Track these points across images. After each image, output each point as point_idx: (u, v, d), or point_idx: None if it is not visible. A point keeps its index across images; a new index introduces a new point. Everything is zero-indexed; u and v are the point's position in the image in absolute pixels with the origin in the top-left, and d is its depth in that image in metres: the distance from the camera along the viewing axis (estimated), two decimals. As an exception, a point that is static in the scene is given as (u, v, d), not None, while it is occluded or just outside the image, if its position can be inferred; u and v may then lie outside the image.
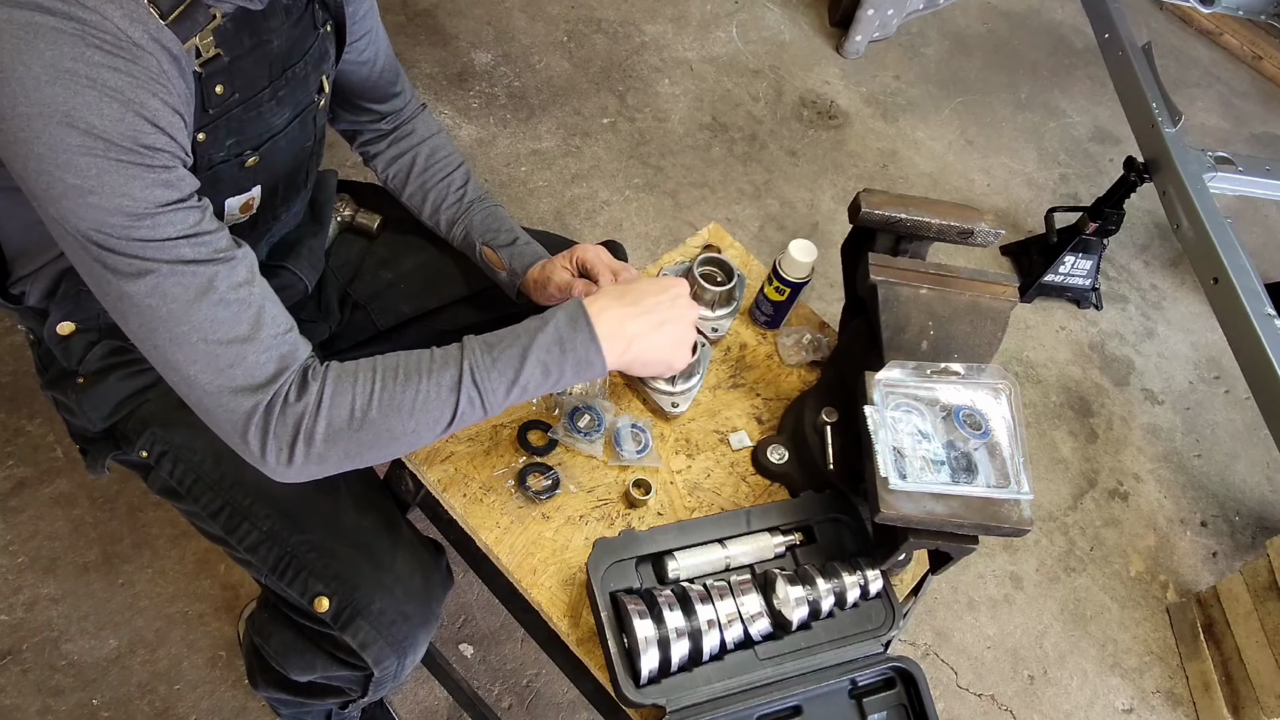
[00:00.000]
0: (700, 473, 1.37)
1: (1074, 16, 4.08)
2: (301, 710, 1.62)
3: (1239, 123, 4.02)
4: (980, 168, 3.40)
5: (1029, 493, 1.13)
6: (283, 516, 1.25)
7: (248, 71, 1.11)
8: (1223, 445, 2.89)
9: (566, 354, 1.05)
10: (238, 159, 1.17)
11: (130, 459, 1.33)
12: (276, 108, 1.19)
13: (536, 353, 1.04)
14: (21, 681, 1.77)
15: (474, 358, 1.02)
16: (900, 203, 1.29)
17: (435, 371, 1.01)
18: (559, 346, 1.05)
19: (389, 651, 1.27)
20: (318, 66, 1.25)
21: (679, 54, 3.34)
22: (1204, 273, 2.29)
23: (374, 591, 1.25)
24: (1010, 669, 2.29)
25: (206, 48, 1.02)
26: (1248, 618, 2.23)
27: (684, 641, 1.11)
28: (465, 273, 1.57)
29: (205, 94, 1.06)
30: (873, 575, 1.21)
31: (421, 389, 1.00)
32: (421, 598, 1.31)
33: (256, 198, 1.25)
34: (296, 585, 1.24)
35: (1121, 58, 2.69)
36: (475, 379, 1.01)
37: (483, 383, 1.01)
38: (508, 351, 1.03)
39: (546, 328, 1.05)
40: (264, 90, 1.16)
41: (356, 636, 1.24)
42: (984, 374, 1.20)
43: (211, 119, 1.09)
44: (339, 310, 1.56)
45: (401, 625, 1.27)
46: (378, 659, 1.26)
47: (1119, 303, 3.17)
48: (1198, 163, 2.44)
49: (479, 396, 1.02)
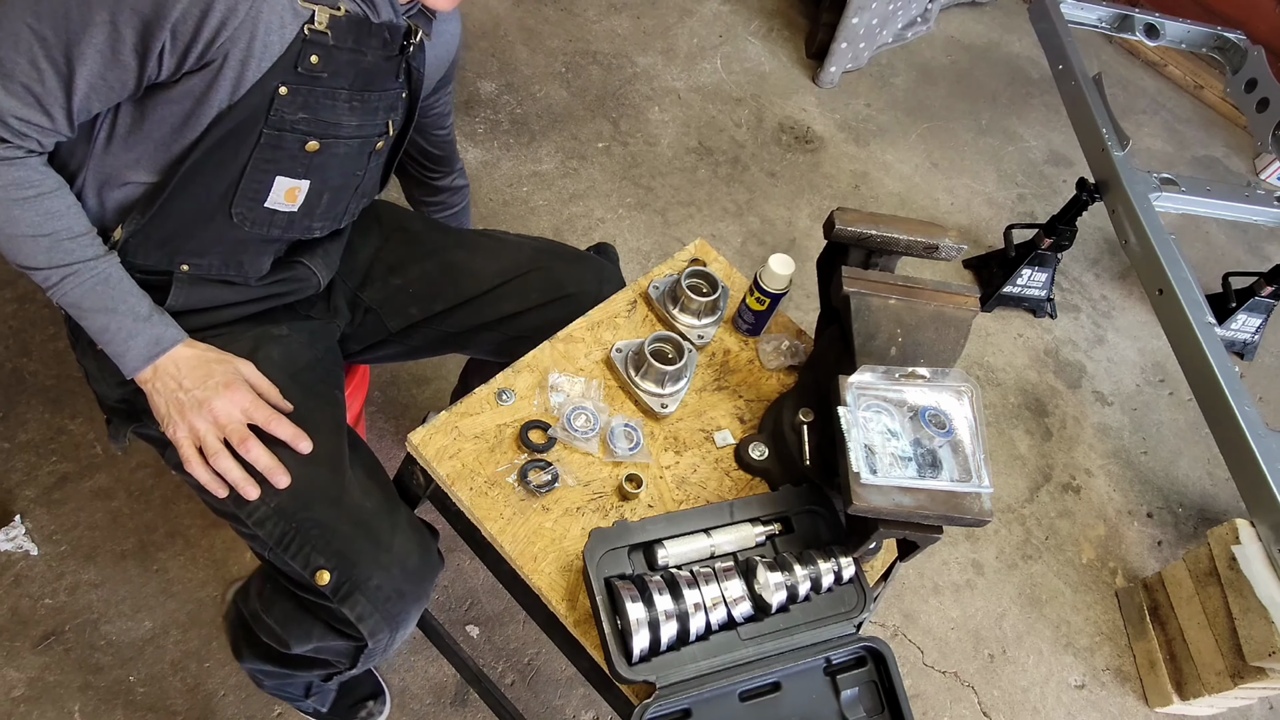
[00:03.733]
0: (688, 468, 1.37)
1: (1030, 49, 4.09)
2: (285, 682, 1.60)
3: (1182, 146, 4.03)
4: (944, 188, 3.41)
5: (989, 486, 1.13)
6: (290, 495, 1.24)
7: (339, 62, 1.17)
8: (1167, 443, 2.90)
9: (115, 343, 1.20)
10: (303, 135, 1.20)
11: (149, 433, 1.34)
12: (348, 112, 1.23)
13: (113, 330, 1.19)
14: (64, 660, 1.76)
15: (85, 275, 1.17)
16: (871, 220, 1.29)
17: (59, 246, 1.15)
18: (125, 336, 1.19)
19: (383, 625, 1.26)
20: (388, 109, 1.30)
21: (668, 84, 3.34)
22: (1150, 284, 2.30)
23: (372, 568, 1.24)
24: (972, 648, 2.29)
25: (321, 22, 1.11)
26: (1190, 601, 2.24)
27: (673, 623, 1.11)
28: (469, 278, 1.58)
29: (302, 54, 1.12)
30: (846, 562, 1.21)
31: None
32: (416, 576, 1.30)
33: (303, 192, 1.27)
34: (299, 559, 1.23)
35: (1074, 87, 2.70)
36: (65, 278, 1.16)
37: (65, 289, 1.16)
38: (104, 313, 1.19)
39: (138, 338, 1.20)
40: (344, 89, 1.20)
41: (354, 609, 1.24)
42: (948, 377, 1.21)
43: (297, 79, 1.14)
44: (349, 312, 1.56)
45: (396, 601, 1.27)
46: (373, 631, 1.26)
47: (1072, 312, 3.18)
48: (1144, 183, 2.45)
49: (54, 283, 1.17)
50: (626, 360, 1.42)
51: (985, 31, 4.14)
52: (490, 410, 1.34)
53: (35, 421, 2.01)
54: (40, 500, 1.93)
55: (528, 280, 1.58)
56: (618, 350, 1.44)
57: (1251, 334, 3.15)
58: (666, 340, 1.44)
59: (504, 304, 1.57)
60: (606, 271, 1.66)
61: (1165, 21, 3.08)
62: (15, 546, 1.85)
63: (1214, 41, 3.13)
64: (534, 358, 1.42)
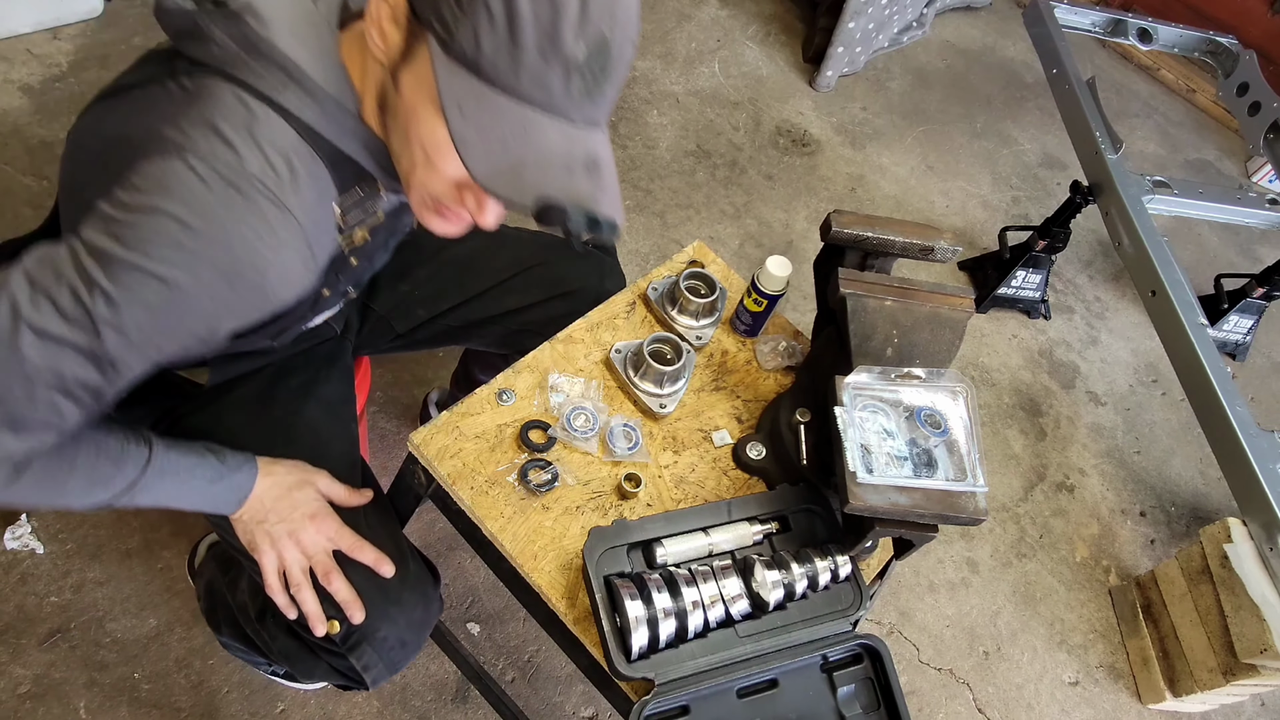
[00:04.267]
0: (686, 467, 1.38)
1: (1025, 54, 4.09)
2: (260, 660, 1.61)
3: (1175, 149, 4.04)
4: (940, 191, 3.41)
5: (984, 486, 1.14)
6: None
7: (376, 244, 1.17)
8: (1160, 443, 2.90)
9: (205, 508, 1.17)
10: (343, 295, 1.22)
11: None
12: (385, 254, 1.25)
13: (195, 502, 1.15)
14: (70, 657, 1.76)
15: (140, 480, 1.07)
16: (867, 223, 1.29)
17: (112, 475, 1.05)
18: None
19: (386, 672, 1.29)
20: None
21: (666, 88, 3.34)
22: (1143, 286, 2.30)
23: (380, 621, 1.25)
24: (967, 645, 2.29)
25: (361, 238, 1.09)
26: (1182, 599, 2.24)
27: (671, 620, 1.11)
28: (472, 275, 1.59)
29: (338, 265, 1.10)
30: (842, 560, 1.21)
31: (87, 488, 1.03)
32: (419, 626, 1.32)
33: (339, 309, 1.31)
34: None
35: (1068, 91, 2.70)
36: (130, 496, 1.07)
37: (135, 501, 1.08)
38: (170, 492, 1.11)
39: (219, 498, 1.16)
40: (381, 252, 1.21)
41: (360, 659, 1.26)
42: (943, 378, 1.21)
43: (334, 280, 1.14)
44: (360, 323, 1.56)
45: (399, 650, 1.29)
46: (375, 680, 1.29)
47: (1066, 313, 3.18)
48: (1137, 186, 2.45)
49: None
50: (625, 361, 1.42)
51: (980, 36, 4.15)
52: (491, 410, 1.35)
53: (41, 421, 2.01)
54: (46, 499, 1.92)
55: (530, 276, 1.58)
56: (617, 351, 1.44)
57: (1243, 335, 3.16)
58: (665, 341, 1.44)
59: (508, 299, 1.58)
60: (608, 266, 1.67)
61: (1158, 26, 3.09)
62: (22, 545, 1.85)
63: (1206, 46, 3.13)
64: (534, 358, 1.42)
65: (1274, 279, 2.95)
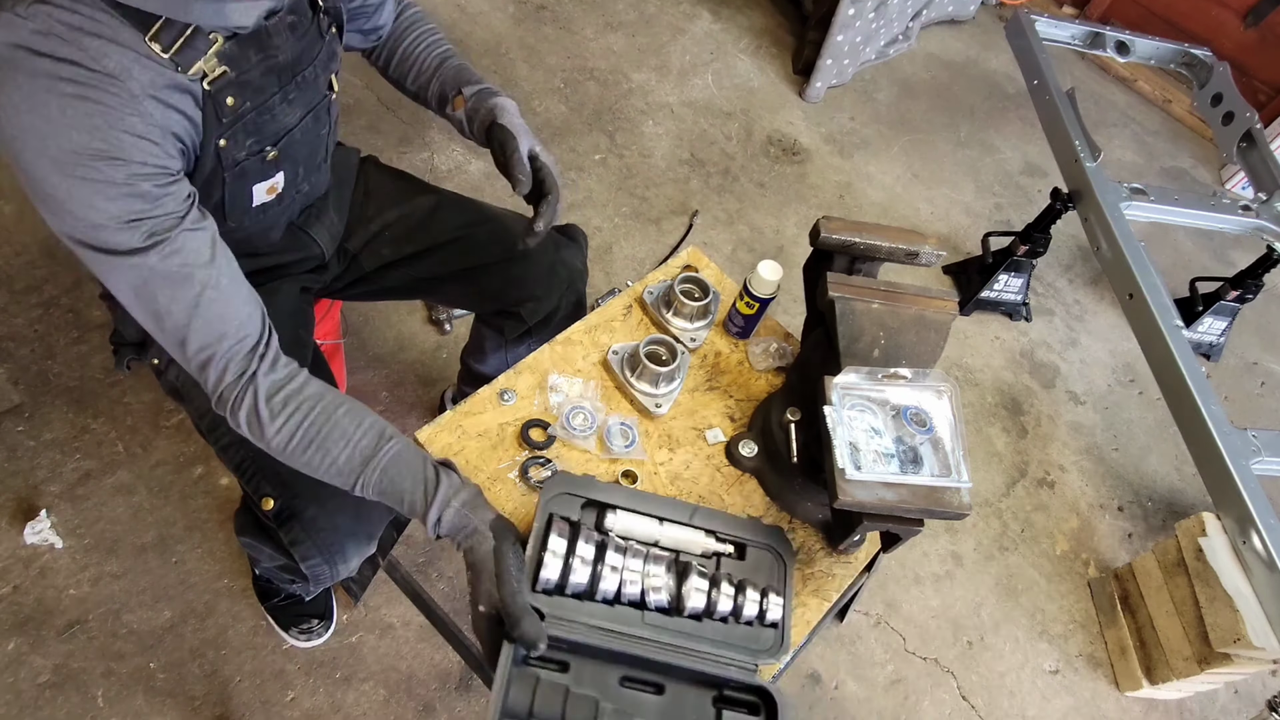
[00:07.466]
0: (680, 464, 1.38)
1: (1007, 66, 4.09)
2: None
3: (1151, 158, 4.04)
4: (925, 198, 3.42)
5: (968, 481, 1.14)
6: None
7: (256, 82, 1.11)
8: (1137, 440, 2.91)
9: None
10: (259, 155, 1.18)
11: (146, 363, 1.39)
12: (289, 109, 1.19)
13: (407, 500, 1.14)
14: (88, 647, 1.76)
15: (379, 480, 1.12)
16: (855, 228, 1.30)
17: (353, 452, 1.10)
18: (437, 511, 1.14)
19: (314, 552, 1.30)
20: (326, 67, 1.24)
21: (661, 98, 3.34)
22: (1121, 289, 2.30)
23: (310, 500, 1.28)
24: (951, 635, 2.30)
25: (212, 68, 1.04)
26: (1159, 591, 2.24)
27: (585, 569, 1.12)
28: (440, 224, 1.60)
29: (218, 106, 1.07)
30: (775, 604, 1.19)
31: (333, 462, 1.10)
32: (353, 513, 1.32)
33: (280, 183, 1.27)
34: (252, 484, 1.30)
35: (1048, 101, 2.70)
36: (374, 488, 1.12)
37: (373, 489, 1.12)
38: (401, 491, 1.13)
39: (435, 505, 1.14)
40: (274, 96, 1.15)
41: (289, 534, 1.29)
42: (928, 378, 1.21)
43: (228, 126, 1.10)
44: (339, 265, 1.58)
45: (330, 533, 1.30)
46: (304, 556, 1.30)
47: (1046, 315, 3.19)
48: (1115, 193, 2.45)
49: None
50: (622, 362, 1.43)
51: (964, 49, 4.15)
52: (493, 410, 1.35)
53: (60, 421, 2.01)
54: (65, 496, 1.93)
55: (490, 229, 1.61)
56: (614, 352, 1.44)
57: (1217, 336, 3.16)
58: (660, 343, 1.44)
59: (469, 255, 1.60)
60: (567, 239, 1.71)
61: (1135, 39, 3.09)
62: (42, 540, 1.85)
63: (1181, 58, 3.13)
64: (534, 359, 1.42)
65: (1246, 282, 2.95)
